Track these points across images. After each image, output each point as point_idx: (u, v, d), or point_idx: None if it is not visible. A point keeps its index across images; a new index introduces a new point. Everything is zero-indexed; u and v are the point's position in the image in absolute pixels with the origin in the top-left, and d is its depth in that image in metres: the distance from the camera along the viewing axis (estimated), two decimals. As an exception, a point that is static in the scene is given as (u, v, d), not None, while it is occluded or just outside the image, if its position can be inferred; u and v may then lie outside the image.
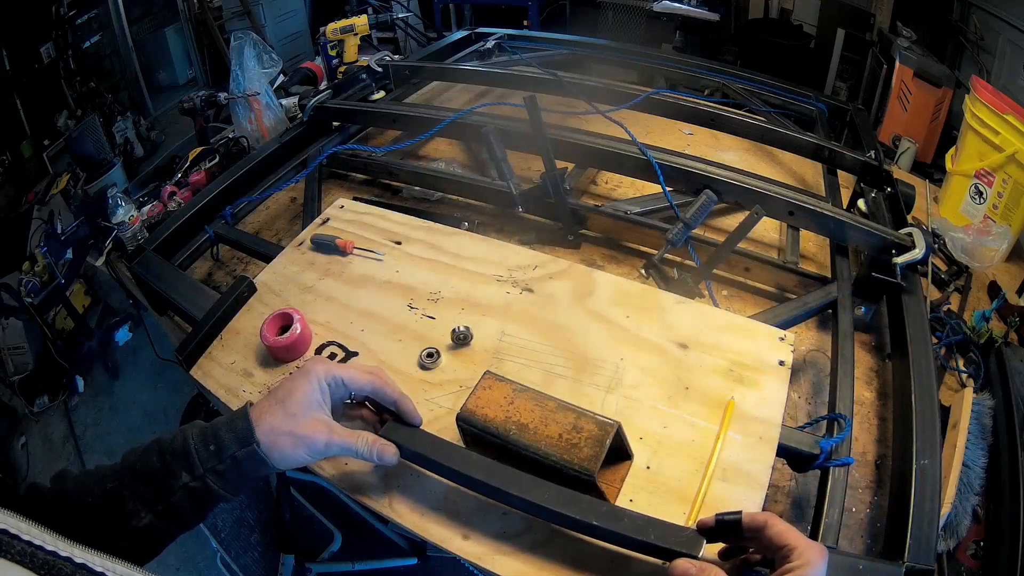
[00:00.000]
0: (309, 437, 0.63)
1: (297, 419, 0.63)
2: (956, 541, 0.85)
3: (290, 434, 0.63)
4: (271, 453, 0.63)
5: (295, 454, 0.63)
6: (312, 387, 0.65)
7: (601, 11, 3.56)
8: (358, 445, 0.66)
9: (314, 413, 0.65)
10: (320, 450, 0.65)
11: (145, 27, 3.64)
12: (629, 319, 0.88)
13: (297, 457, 0.64)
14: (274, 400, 0.65)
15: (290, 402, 0.64)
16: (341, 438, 0.65)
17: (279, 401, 0.64)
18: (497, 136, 1.26)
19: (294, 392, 0.65)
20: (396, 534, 1.63)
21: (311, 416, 0.64)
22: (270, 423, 0.63)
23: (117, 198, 1.57)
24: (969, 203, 1.39)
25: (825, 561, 0.56)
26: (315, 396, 0.65)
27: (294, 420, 0.63)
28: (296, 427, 0.63)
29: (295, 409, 0.64)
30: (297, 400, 0.64)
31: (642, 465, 0.72)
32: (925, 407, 0.82)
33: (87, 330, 2.82)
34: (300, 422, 0.63)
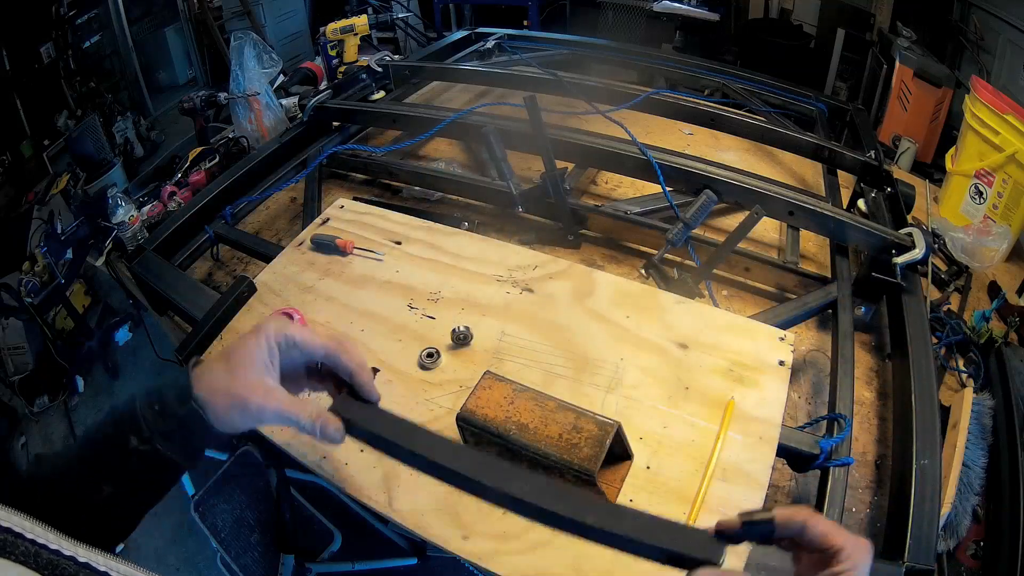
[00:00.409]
0: (244, 399, 0.56)
1: (236, 377, 0.57)
2: (956, 541, 0.85)
3: (225, 393, 0.57)
4: (212, 413, 0.57)
5: (228, 416, 0.57)
6: (259, 345, 0.58)
7: (601, 11, 3.56)
8: (300, 416, 0.58)
9: (255, 374, 0.57)
10: (254, 415, 0.57)
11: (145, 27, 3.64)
12: (629, 319, 0.88)
13: (231, 420, 0.57)
14: (221, 354, 0.59)
15: (233, 358, 0.58)
16: (280, 405, 0.57)
17: (224, 357, 0.58)
18: (497, 136, 1.26)
19: (239, 348, 0.58)
20: (396, 534, 1.63)
21: (252, 377, 0.57)
22: (208, 380, 0.57)
23: (117, 198, 1.57)
24: (969, 203, 1.39)
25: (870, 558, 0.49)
26: (260, 355, 0.58)
27: (232, 378, 0.57)
28: (233, 386, 0.56)
29: (235, 366, 0.57)
30: (240, 357, 0.57)
31: (642, 465, 0.72)
32: (925, 407, 0.82)
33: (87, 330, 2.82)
34: (238, 381, 0.56)
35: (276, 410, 0.57)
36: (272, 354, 0.59)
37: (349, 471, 0.74)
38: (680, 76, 1.95)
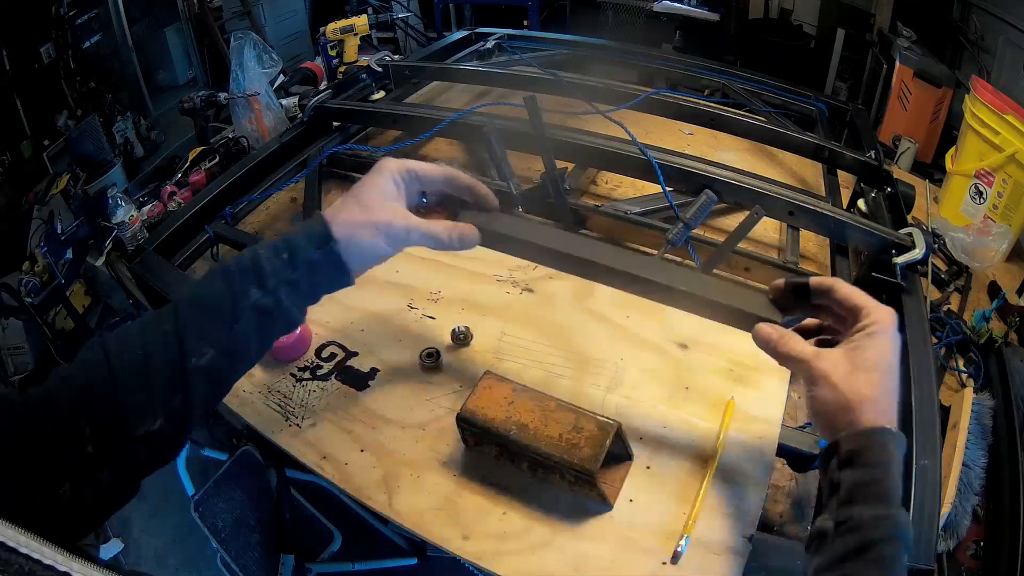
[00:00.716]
0: (390, 224, 0.62)
1: (374, 210, 0.62)
2: (956, 541, 0.85)
3: (368, 224, 0.61)
4: (349, 249, 0.60)
5: (374, 245, 0.62)
6: (386, 180, 0.64)
7: (601, 11, 3.56)
8: (438, 231, 0.65)
9: (391, 203, 0.63)
10: (402, 237, 0.63)
11: (145, 27, 3.64)
12: (629, 319, 0.88)
13: (377, 248, 0.62)
14: (348, 197, 0.63)
15: (364, 195, 0.63)
16: (419, 225, 0.64)
17: (353, 196, 0.63)
18: (497, 136, 1.26)
19: (367, 186, 0.63)
20: (396, 534, 1.63)
21: (389, 205, 0.63)
22: (345, 217, 0.61)
23: (117, 198, 1.57)
24: (969, 203, 1.39)
25: (896, 321, 0.57)
26: (390, 188, 0.64)
27: (371, 211, 0.62)
28: (374, 216, 0.61)
29: (371, 201, 0.62)
30: (372, 193, 0.63)
31: (642, 465, 0.72)
32: (925, 407, 0.82)
33: (87, 330, 2.82)
34: (377, 212, 0.62)
35: (417, 229, 0.63)
36: (399, 186, 0.64)
37: (349, 471, 0.75)
38: (680, 76, 1.95)
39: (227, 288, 0.57)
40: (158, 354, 0.54)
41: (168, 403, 0.54)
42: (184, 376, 0.54)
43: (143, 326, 0.56)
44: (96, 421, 0.51)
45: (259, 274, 0.58)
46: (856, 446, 0.51)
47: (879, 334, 0.55)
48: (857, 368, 0.54)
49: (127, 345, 0.55)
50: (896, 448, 0.51)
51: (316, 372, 0.86)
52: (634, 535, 0.66)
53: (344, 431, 0.78)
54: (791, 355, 0.58)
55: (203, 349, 0.55)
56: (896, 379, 0.55)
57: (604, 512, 0.68)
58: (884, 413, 0.52)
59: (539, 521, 0.68)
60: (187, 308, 0.56)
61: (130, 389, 0.53)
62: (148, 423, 0.53)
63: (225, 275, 0.58)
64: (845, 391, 0.53)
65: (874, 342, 0.55)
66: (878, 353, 0.55)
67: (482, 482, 0.72)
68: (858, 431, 0.51)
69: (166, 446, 0.56)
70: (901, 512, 0.49)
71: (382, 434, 0.77)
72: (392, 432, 0.78)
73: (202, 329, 0.55)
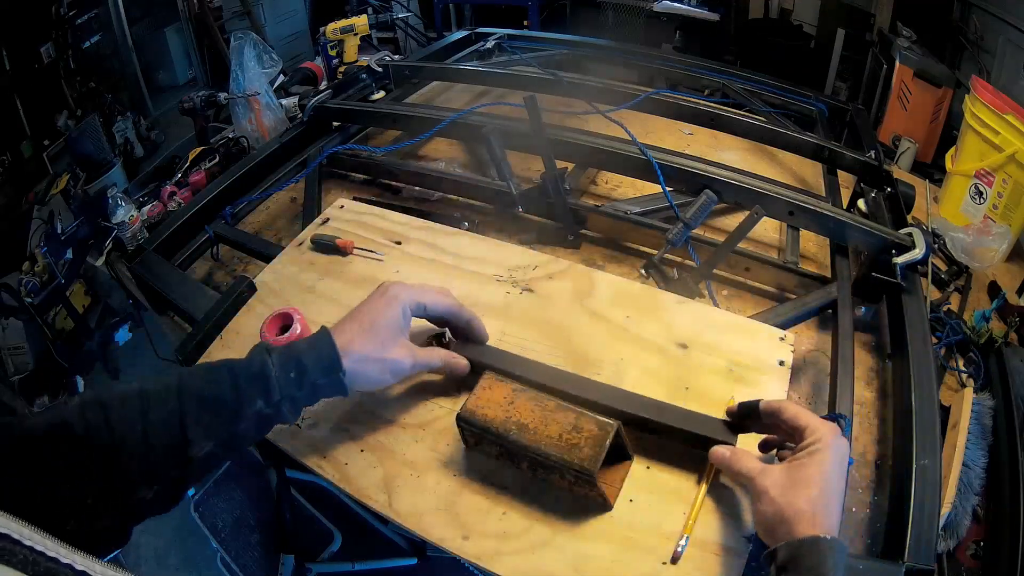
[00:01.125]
0: (398, 362, 0.69)
1: (387, 347, 0.68)
2: (956, 541, 0.85)
3: (379, 361, 0.67)
4: (355, 378, 0.66)
5: (380, 378, 0.69)
6: (397, 314, 0.69)
7: (601, 11, 3.56)
8: (437, 364, 0.74)
9: (401, 339, 0.70)
10: (405, 372, 0.70)
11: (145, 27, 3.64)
12: (629, 319, 0.88)
13: (382, 381, 0.70)
14: (358, 327, 0.68)
15: (377, 329, 0.68)
16: (422, 358, 0.71)
17: (366, 330, 0.67)
18: (497, 136, 1.26)
19: (381, 320, 0.68)
20: (396, 534, 1.63)
21: (398, 342, 0.69)
22: (359, 351, 0.66)
23: (117, 198, 1.57)
24: (969, 203, 1.39)
25: (838, 437, 0.61)
26: (400, 323, 0.69)
27: (384, 348, 0.68)
28: (386, 354, 0.68)
29: (384, 337, 0.68)
30: (384, 328, 0.68)
31: (642, 465, 0.72)
32: (925, 407, 0.82)
33: (87, 330, 2.82)
34: (389, 349, 0.68)
35: (418, 363, 0.71)
36: (406, 319, 0.71)
37: (349, 471, 0.74)
38: (680, 76, 1.95)
39: (234, 392, 0.61)
40: (159, 434, 0.57)
41: (165, 475, 0.58)
42: (185, 460, 0.58)
43: (144, 400, 0.59)
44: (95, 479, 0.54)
45: (266, 387, 0.62)
46: (791, 554, 0.54)
47: (819, 451, 0.59)
48: (795, 484, 0.58)
49: (128, 416, 0.57)
50: (832, 554, 0.53)
51: (316, 372, 0.86)
52: (634, 535, 0.66)
53: (344, 431, 0.78)
54: (739, 472, 0.64)
55: (204, 443, 0.59)
56: (835, 491, 0.58)
57: (604, 512, 0.68)
58: (820, 524, 0.55)
59: (539, 521, 0.68)
60: (191, 400, 0.60)
61: (130, 459, 0.56)
62: (144, 491, 0.57)
63: (232, 378, 0.62)
64: (782, 505, 0.57)
65: (813, 459, 0.59)
66: (816, 469, 0.58)
67: (482, 482, 0.72)
68: (792, 541, 0.55)
69: (159, 507, 0.59)
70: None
71: (382, 434, 0.77)
72: (392, 432, 0.77)
73: (204, 424, 0.59)
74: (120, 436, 0.56)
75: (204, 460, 0.60)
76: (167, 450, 0.58)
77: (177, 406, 0.59)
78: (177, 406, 0.59)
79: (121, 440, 0.56)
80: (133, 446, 0.56)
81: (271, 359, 0.63)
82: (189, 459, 0.58)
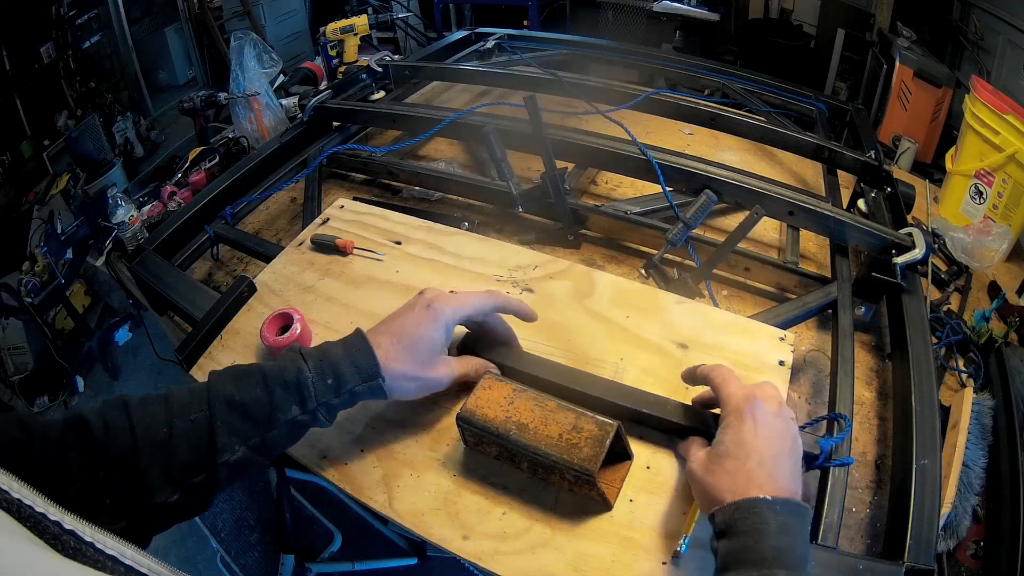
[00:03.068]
0: (437, 381, 0.69)
1: (426, 366, 0.67)
2: (956, 541, 0.85)
3: (419, 378, 0.67)
4: (394, 391, 0.66)
5: (416, 393, 0.69)
6: (439, 332, 0.68)
7: (601, 11, 3.56)
8: (469, 373, 0.72)
9: (441, 357, 0.69)
10: (443, 388, 0.70)
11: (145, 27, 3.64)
12: (629, 319, 0.88)
13: (418, 394, 0.70)
14: (398, 343, 0.66)
15: (419, 350, 0.66)
16: (459, 372, 0.71)
17: (406, 347, 0.66)
18: (497, 136, 1.26)
19: (424, 340, 0.67)
20: (396, 534, 1.63)
21: (439, 361, 0.69)
22: (400, 369, 0.65)
23: (117, 198, 1.57)
24: (969, 203, 1.39)
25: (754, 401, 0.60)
26: (442, 340, 0.69)
27: (423, 367, 0.67)
28: (426, 373, 0.67)
29: (425, 357, 0.67)
30: (426, 347, 0.67)
31: (642, 465, 0.72)
32: (925, 407, 0.82)
33: (87, 330, 2.82)
34: (429, 368, 0.68)
35: (456, 377, 0.71)
36: (448, 336, 0.70)
37: (349, 471, 0.74)
38: (680, 76, 1.95)
39: (267, 398, 0.60)
40: (184, 439, 0.56)
41: (188, 482, 0.56)
42: (212, 467, 0.57)
43: (169, 405, 0.58)
44: (112, 482, 0.53)
45: (302, 395, 0.61)
46: (724, 519, 0.54)
47: (731, 424, 0.60)
48: (713, 461, 0.59)
49: (153, 420, 0.56)
50: (772, 513, 0.52)
51: (316, 372, 0.86)
52: (634, 535, 0.66)
53: (344, 431, 0.78)
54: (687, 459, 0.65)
55: (235, 447, 0.58)
56: (758, 453, 0.57)
57: (604, 512, 0.68)
58: (744, 489, 0.55)
59: (539, 521, 0.68)
60: (222, 406, 0.58)
61: (151, 463, 0.55)
62: (164, 495, 0.55)
63: (265, 384, 0.60)
64: (704, 485, 0.59)
65: (727, 434, 0.60)
66: (730, 441, 0.59)
67: (482, 482, 0.72)
68: (725, 506, 0.55)
69: (181, 515, 0.58)
70: (780, 571, 0.49)
71: (382, 434, 0.77)
72: (392, 432, 0.77)
73: (235, 430, 0.58)
74: (142, 439, 0.55)
75: (234, 466, 0.58)
76: (193, 455, 0.57)
77: (206, 411, 0.58)
78: (206, 411, 0.58)
79: (143, 443, 0.55)
80: (155, 449, 0.55)
81: (307, 365, 0.62)
82: (217, 465, 0.57)
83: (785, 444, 0.59)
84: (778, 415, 0.61)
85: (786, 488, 0.55)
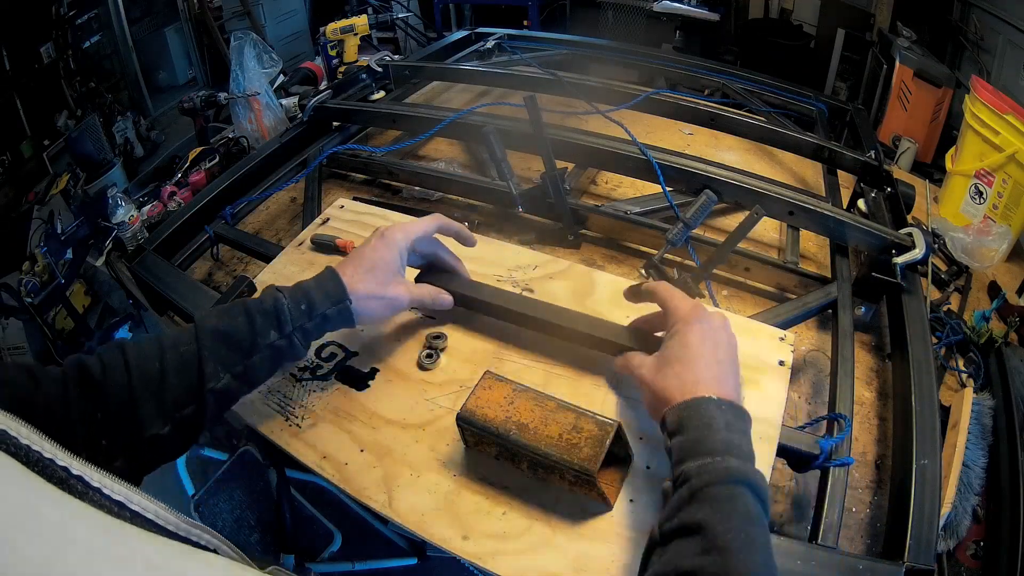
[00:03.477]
0: (397, 299, 0.76)
1: (387, 286, 0.75)
2: (956, 541, 0.85)
3: (381, 297, 0.75)
4: (360, 315, 0.74)
5: (382, 314, 0.77)
6: (395, 255, 0.77)
7: (601, 11, 3.57)
8: (426, 299, 0.81)
9: (398, 278, 0.77)
10: (403, 307, 0.78)
11: (145, 27, 3.64)
12: (629, 319, 0.88)
13: (382, 315, 0.78)
14: (360, 267, 0.75)
15: (378, 270, 0.75)
16: (416, 294, 0.79)
17: (368, 270, 0.75)
18: (497, 136, 1.26)
19: (382, 262, 0.76)
20: (396, 534, 1.63)
21: (396, 281, 0.77)
22: (363, 290, 0.73)
23: (117, 198, 1.57)
24: (969, 203, 1.39)
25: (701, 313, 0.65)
26: (398, 262, 0.77)
27: (384, 286, 0.75)
28: (387, 291, 0.75)
29: (384, 277, 0.75)
30: (383, 268, 0.75)
31: (642, 465, 0.72)
32: (925, 407, 0.82)
33: (87, 330, 2.82)
34: (389, 288, 0.75)
35: (411, 299, 0.78)
36: (403, 257, 0.78)
37: (349, 471, 0.74)
38: (680, 76, 1.95)
39: (249, 326, 0.67)
40: (174, 372, 0.62)
41: (178, 414, 0.62)
42: (201, 395, 0.63)
43: (161, 344, 0.64)
44: (108, 417, 0.58)
45: (279, 320, 0.68)
46: (675, 418, 0.58)
47: (678, 333, 0.64)
48: (661, 366, 0.64)
49: (146, 357, 0.62)
50: (719, 410, 0.56)
51: (316, 372, 0.86)
52: (634, 535, 0.66)
53: (344, 431, 0.78)
54: (629, 370, 0.69)
55: (220, 374, 0.64)
56: (705, 359, 0.61)
57: (604, 512, 0.68)
58: (693, 390, 0.59)
59: (539, 521, 0.68)
60: (207, 336, 0.65)
61: (146, 397, 0.60)
62: (157, 427, 0.60)
63: (247, 314, 0.67)
64: (654, 388, 0.63)
65: (674, 340, 0.64)
66: (677, 347, 0.63)
67: (482, 482, 0.72)
68: (677, 404, 0.59)
69: (172, 448, 0.63)
70: (731, 459, 0.53)
71: (382, 434, 0.77)
72: (392, 432, 0.77)
73: (220, 357, 0.64)
74: (136, 374, 0.60)
75: (219, 394, 0.64)
76: (183, 386, 0.62)
77: (194, 343, 0.64)
78: (194, 343, 0.64)
79: (137, 378, 0.60)
80: (148, 383, 0.60)
81: (283, 295, 0.70)
82: (204, 394, 0.62)
83: (730, 353, 0.64)
84: (722, 327, 0.65)
85: (730, 394, 0.59)
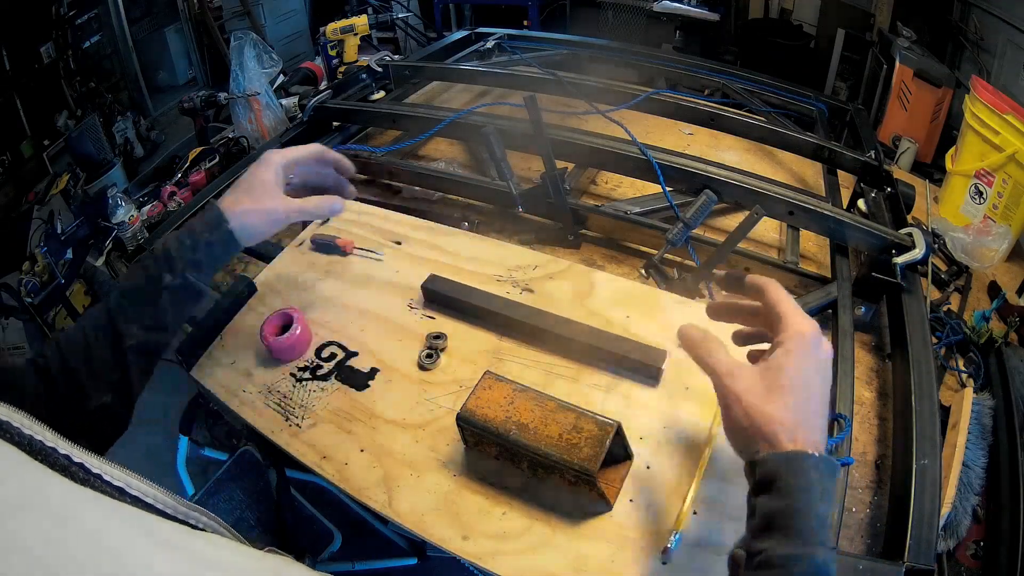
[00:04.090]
0: (274, 210, 0.78)
1: (263, 200, 0.78)
2: (956, 541, 0.85)
3: (256, 211, 0.77)
4: (242, 231, 0.76)
5: (262, 225, 0.78)
6: (269, 172, 0.79)
7: (601, 11, 3.56)
8: (310, 206, 0.82)
9: (274, 192, 0.79)
10: (282, 219, 0.79)
11: (145, 27, 3.64)
12: (629, 319, 0.88)
13: (263, 230, 0.79)
14: (239, 191, 0.79)
15: (254, 189, 0.78)
16: (295, 205, 0.80)
17: (245, 190, 0.78)
18: (497, 136, 1.26)
19: (256, 179, 0.79)
20: (396, 534, 1.63)
21: (272, 195, 0.79)
22: (239, 208, 0.77)
23: (117, 198, 1.57)
24: (969, 203, 1.39)
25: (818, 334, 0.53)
26: (273, 179, 0.79)
27: (260, 201, 0.78)
28: (264, 204, 0.78)
29: (259, 193, 0.78)
30: (259, 185, 0.78)
31: (642, 465, 0.72)
32: (925, 407, 0.82)
33: (87, 330, 2.81)
34: (265, 202, 0.78)
35: (295, 209, 0.80)
36: (279, 175, 0.80)
37: (349, 471, 0.75)
38: (680, 76, 1.95)
39: (145, 276, 0.72)
40: (96, 339, 0.68)
41: (111, 378, 0.68)
42: (122, 355, 0.69)
43: (82, 321, 0.71)
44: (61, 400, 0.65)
45: (168, 261, 0.73)
46: (770, 471, 0.47)
47: (795, 352, 0.52)
48: (771, 390, 0.50)
49: (73, 336, 0.69)
50: (818, 474, 0.46)
51: (316, 372, 0.86)
52: (634, 535, 0.66)
53: (344, 431, 0.78)
54: (707, 364, 0.56)
55: (133, 330, 0.69)
56: (816, 398, 0.51)
57: (604, 512, 0.68)
58: (803, 438, 0.48)
59: (539, 521, 0.68)
60: (117, 298, 0.71)
61: (79, 370, 0.66)
62: (99, 396, 0.67)
63: (143, 266, 0.73)
64: (756, 415, 0.50)
65: (790, 361, 0.51)
66: (795, 372, 0.51)
67: (482, 482, 0.72)
68: (773, 455, 0.48)
69: (119, 418, 0.70)
70: (819, 550, 0.44)
71: (382, 434, 0.77)
72: (392, 432, 0.78)
73: (130, 313, 0.70)
74: (68, 351, 0.67)
75: (138, 349, 0.69)
76: (106, 350, 0.68)
77: (105, 309, 0.70)
78: (105, 309, 0.70)
79: (70, 354, 0.67)
80: (77, 355, 0.67)
81: (168, 238, 0.75)
82: (124, 352, 0.68)
83: (828, 397, 0.53)
84: (830, 360, 0.54)
85: (823, 444, 0.49)
